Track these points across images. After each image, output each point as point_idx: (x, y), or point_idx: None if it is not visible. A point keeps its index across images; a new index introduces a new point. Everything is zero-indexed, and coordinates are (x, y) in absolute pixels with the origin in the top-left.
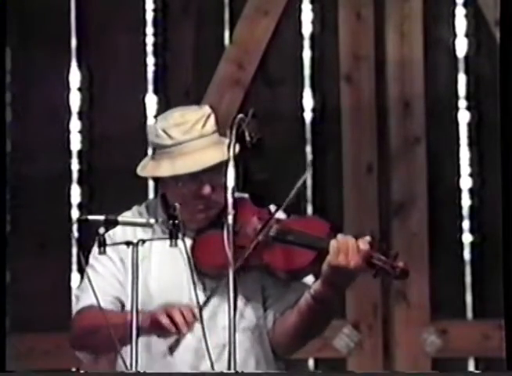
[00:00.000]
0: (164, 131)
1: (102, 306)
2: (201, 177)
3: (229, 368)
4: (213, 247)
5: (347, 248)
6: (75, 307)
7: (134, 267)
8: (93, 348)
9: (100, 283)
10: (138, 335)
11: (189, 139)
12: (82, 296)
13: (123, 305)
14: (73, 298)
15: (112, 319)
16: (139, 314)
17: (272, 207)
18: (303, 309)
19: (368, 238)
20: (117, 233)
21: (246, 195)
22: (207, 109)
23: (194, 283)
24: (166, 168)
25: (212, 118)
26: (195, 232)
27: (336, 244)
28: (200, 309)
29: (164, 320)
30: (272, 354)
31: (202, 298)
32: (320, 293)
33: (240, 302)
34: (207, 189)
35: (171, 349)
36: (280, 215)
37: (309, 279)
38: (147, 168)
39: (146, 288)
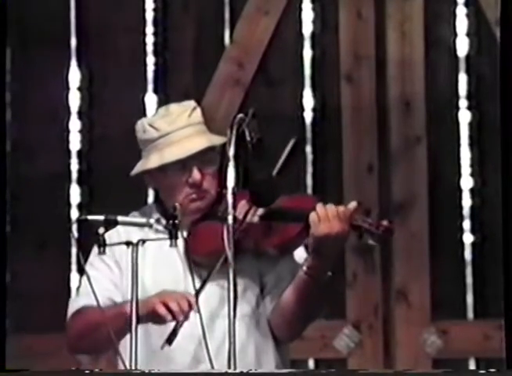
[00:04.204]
0: (151, 125)
1: (96, 304)
2: (189, 165)
3: (229, 363)
4: (205, 236)
5: (326, 216)
6: (69, 312)
7: (134, 267)
8: (91, 349)
9: (94, 287)
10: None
11: (175, 128)
12: (76, 300)
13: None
14: (69, 305)
15: (107, 313)
16: (124, 304)
17: None
18: (297, 286)
19: (354, 203)
20: (113, 235)
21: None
22: (192, 102)
23: (192, 276)
24: (154, 160)
25: (198, 110)
26: (189, 225)
27: (314, 214)
28: (197, 295)
29: (161, 309)
30: (273, 340)
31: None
32: (312, 267)
33: (238, 289)
34: (196, 175)
35: (170, 340)
36: None
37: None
38: (136, 166)
39: (141, 286)
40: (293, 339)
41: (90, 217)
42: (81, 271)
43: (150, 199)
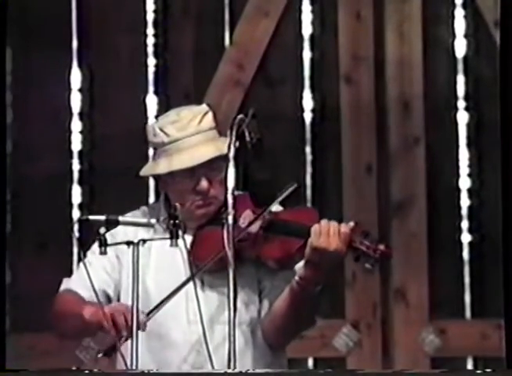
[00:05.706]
0: (161, 129)
1: (79, 293)
2: (198, 172)
3: (229, 363)
4: (210, 242)
5: (327, 231)
6: (59, 290)
7: (134, 267)
8: (60, 333)
9: (90, 274)
10: (138, 333)
11: (184, 135)
12: (67, 280)
13: (109, 299)
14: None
15: (79, 308)
16: (87, 306)
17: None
18: (289, 295)
19: (352, 223)
20: (119, 233)
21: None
22: (204, 107)
23: (194, 281)
24: (163, 166)
25: (210, 115)
26: (194, 230)
27: (317, 227)
28: (199, 307)
29: (106, 323)
30: (270, 348)
31: (200, 294)
32: (304, 278)
33: (237, 296)
34: (204, 184)
35: (108, 354)
36: (276, 207)
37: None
38: (146, 168)
39: (143, 286)
40: (281, 346)
41: (91, 217)
42: None
43: (151, 199)
